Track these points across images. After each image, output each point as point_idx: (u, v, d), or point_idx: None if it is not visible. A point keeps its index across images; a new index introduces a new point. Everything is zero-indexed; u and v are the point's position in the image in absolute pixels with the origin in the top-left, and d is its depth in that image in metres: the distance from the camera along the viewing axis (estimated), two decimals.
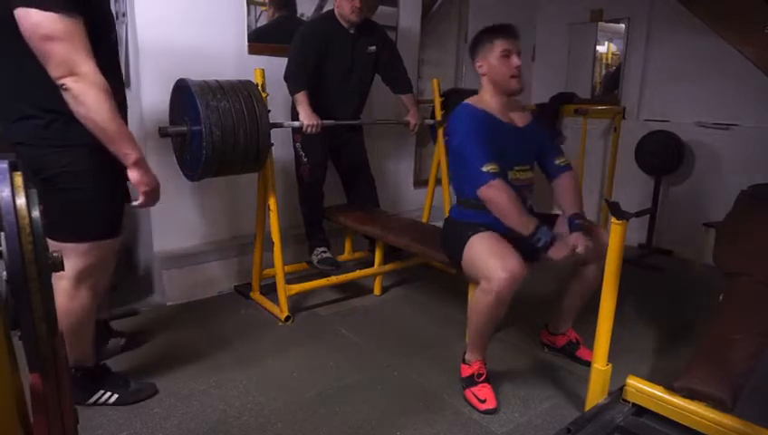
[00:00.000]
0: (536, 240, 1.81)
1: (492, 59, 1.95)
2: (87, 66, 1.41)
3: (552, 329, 2.24)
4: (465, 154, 1.92)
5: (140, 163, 1.57)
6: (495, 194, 1.85)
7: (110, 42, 1.61)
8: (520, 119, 2.07)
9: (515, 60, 1.94)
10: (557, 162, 2.11)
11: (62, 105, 1.47)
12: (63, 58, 1.38)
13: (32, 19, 1.34)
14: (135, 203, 1.65)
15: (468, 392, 1.93)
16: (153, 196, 1.65)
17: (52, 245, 1.45)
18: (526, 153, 2.06)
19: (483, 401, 1.88)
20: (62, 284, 1.59)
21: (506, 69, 1.94)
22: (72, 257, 1.57)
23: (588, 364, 1.85)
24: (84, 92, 1.41)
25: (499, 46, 1.94)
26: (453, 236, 2.05)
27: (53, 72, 1.39)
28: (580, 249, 1.82)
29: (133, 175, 1.57)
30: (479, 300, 1.82)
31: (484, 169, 1.85)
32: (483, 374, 1.94)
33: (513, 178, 1.97)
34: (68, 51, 1.38)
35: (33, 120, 1.50)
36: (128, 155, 1.53)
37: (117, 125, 1.49)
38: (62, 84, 1.40)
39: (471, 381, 1.94)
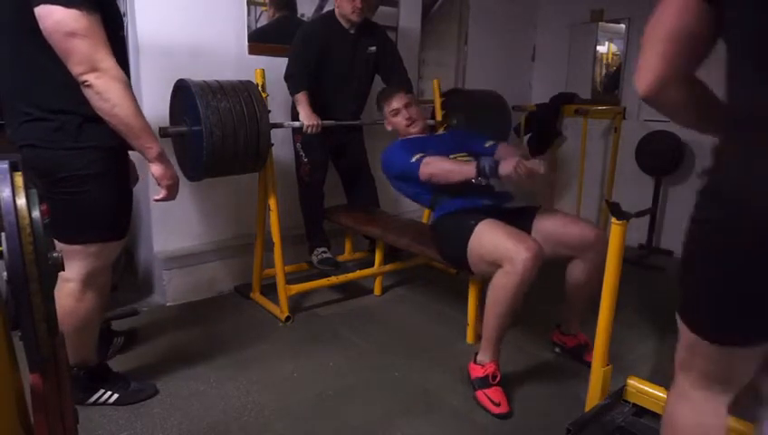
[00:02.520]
0: (482, 169, 1.94)
1: (389, 117, 2.44)
2: (109, 62, 1.42)
3: (564, 329, 2.24)
4: (399, 169, 2.21)
5: (162, 157, 1.59)
6: (431, 166, 2.07)
7: (120, 40, 1.60)
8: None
9: (404, 113, 2.38)
10: (486, 145, 2.28)
11: (75, 106, 1.47)
12: (86, 55, 1.38)
13: (54, 16, 1.34)
14: (157, 197, 1.67)
15: (481, 394, 1.89)
16: (174, 189, 1.68)
17: (61, 247, 1.46)
18: (457, 145, 2.28)
19: (497, 405, 1.85)
20: (69, 286, 1.60)
21: (399, 122, 2.40)
22: (80, 259, 1.58)
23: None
24: (108, 88, 1.42)
25: (387, 108, 2.44)
26: (450, 231, 2.09)
27: (75, 68, 1.39)
28: (522, 156, 1.93)
29: (156, 169, 1.59)
30: (501, 284, 1.81)
31: (413, 160, 2.13)
32: (498, 377, 1.90)
33: None
34: (90, 47, 1.38)
35: (45, 123, 1.49)
36: (150, 149, 1.55)
37: (140, 119, 1.50)
38: (85, 81, 1.40)
39: (485, 382, 1.90)
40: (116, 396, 1.82)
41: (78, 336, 1.67)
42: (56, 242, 1.49)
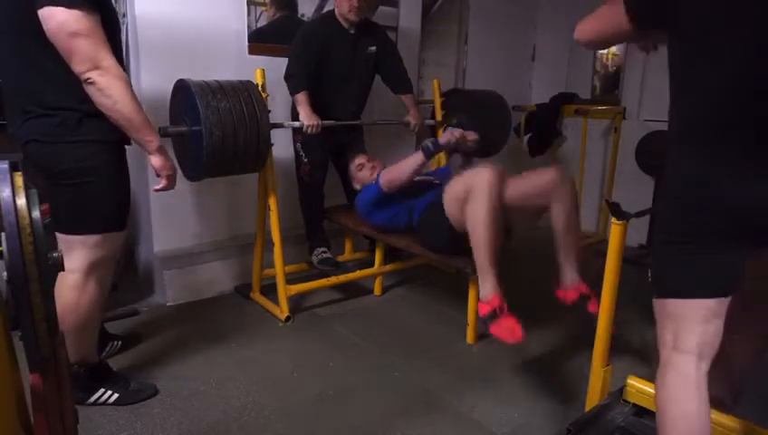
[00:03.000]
0: (426, 148, 2.33)
1: (356, 173, 2.73)
2: (110, 60, 1.50)
3: (562, 282, 2.22)
4: (369, 197, 2.48)
5: (162, 149, 1.68)
6: (386, 175, 2.41)
7: (117, 43, 1.67)
8: None
9: (367, 166, 2.69)
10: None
11: (75, 104, 1.54)
12: (88, 53, 1.45)
13: (58, 17, 1.41)
14: (157, 187, 1.75)
15: (494, 328, 1.93)
16: (173, 179, 1.76)
17: (63, 239, 1.57)
18: None
19: (512, 333, 1.89)
20: (72, 277, 1.64)
21: (365, 175, 2.68)
22: (83, 250, 1.64)
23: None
24: (110, 85, 1.49)
25: (353, 165, 2.73)
26: (429, 218, 2.29)
27: (78, 66, 1.46)
28: (453, 130, 2.38)
29: (155, 160, 1.68)
30: (473, 209, 2.00)
31: (373, 183, 2.47)
32: (504, 307, 1.95)
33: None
34: (92, 46, 1.46)
35: (47, 118, 1.55)
36: (151, 142, 1.64)
37: (141, 114, 1.58)
38: (88, 78, 1.47)
39: (494, 315, 1.94)
40: (116, 396, 1.83)
41: (79, 332, 1.69)
42: (58, 234, 1.58)
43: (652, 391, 1.63)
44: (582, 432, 1.56)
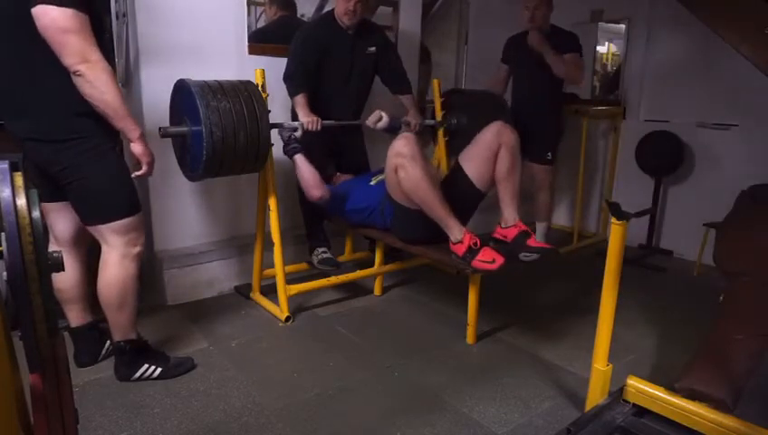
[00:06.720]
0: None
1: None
2: (97, 55, 1.62)
3: (502, 223, 2.29)
4: (350, 192, 2.59)
5: (143, 138, 1.79)
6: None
7: (103, 42, 1.75)
8: None
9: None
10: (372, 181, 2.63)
11: (65, 105, 1.65)
12: (77, 48, 1.57)
13: (50, 14, 1.53)
14: (137, 173, 1.84)
15: (476, 262, 2.05)
16: (153, 166, 1.86)
17: (92, 229, 1.81)
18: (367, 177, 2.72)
19: (492, 262, 2.03)
20: (111, 257, 1.83)
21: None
22: (112, 235, 1.81)
23: (538, 250, 2.13)
24: (97, 77, 1.61)
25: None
26: (399, 213, 2.33)
27: (68, 59, 1.57)
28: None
29: (137, 148, 1.78)
30: (407, 175, 2.12)
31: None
32: (478, 241, 2.09)
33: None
34: (81, 41, 1.57)
35: (39, 119, 1.67)
36: (133, 130, 1.75)
37: (125, 105, 1.71)
38: (77, 70, 1.58)
39: (472, 251, 2.07)
40: (159, 370, 1.96)
41: (122, 305, 1.87)
42: (88, 227, 1.82)
43: (652, 391, 1.64)
44: (582, 432, 1.56)
